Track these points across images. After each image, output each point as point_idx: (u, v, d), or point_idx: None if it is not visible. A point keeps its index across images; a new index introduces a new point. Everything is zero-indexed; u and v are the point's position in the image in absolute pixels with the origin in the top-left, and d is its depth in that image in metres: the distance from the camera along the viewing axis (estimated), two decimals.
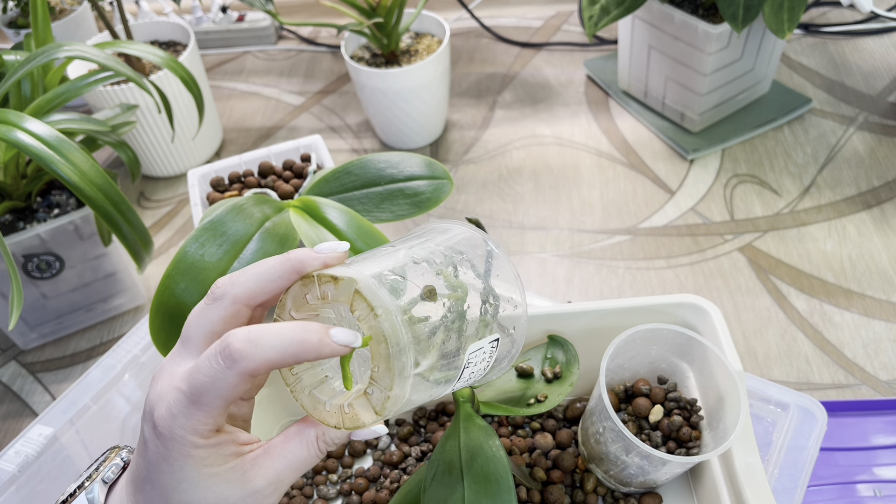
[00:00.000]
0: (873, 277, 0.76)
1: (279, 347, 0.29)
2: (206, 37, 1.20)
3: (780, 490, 0.49)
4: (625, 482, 0.49)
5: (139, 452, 0.32)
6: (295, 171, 0.71)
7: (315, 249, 0.32)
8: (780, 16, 0.78)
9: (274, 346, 0.29)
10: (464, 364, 0.34)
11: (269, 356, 0.29)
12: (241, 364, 0.29)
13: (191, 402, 0.29)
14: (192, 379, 0.30)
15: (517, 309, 0.37)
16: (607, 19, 0.84)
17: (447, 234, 0.37)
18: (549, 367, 0.51)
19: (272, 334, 0.29)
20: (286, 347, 0.29)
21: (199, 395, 0.29)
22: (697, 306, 0.50)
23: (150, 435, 0.30)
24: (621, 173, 0.91)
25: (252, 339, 0.29)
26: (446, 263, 0.35)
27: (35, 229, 0.69)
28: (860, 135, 0.92)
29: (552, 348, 0.53)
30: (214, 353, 0.29)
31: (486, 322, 0.36)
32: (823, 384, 0.68)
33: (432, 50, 0.92)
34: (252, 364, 0.29)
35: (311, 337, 0.29)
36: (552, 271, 0.81)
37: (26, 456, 0.55)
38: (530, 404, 0.49)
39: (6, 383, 0.76)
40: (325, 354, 0.29)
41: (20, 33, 1.04)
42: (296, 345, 0.29)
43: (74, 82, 0.68)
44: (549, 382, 0.50)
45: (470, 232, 0.38)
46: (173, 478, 0.30)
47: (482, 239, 0.37)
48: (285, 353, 0.29)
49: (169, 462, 0.30)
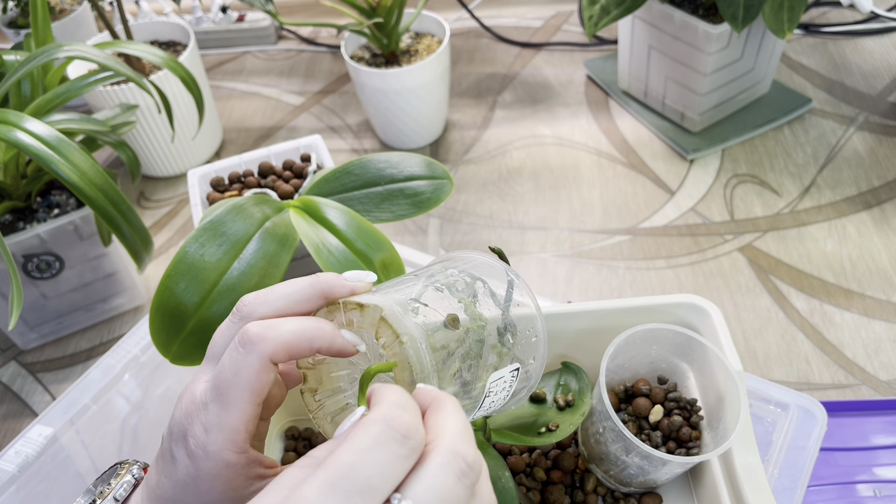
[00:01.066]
0: (873, 277, 0.76)
1: (296, 331, 0.30)
2: (206, 37, 1.20)
3: (780, 490, 0.49)
4: (625, 482, 0.49)
5: (165, 472, 0.31)
6: (295, 172, 0.71)
7: (343, 276, 0.33)
8: (780, 16, 0.78)
9: (291, 330, 0.30)
10: (485, 393, 0.34)
11: (287, 338, 0.29)
12: (259, 346, 0.29)
13: (219, 402, 0.30)
14: (216, 380, 0.30)
15: (535, 340, 0.38)
16: (607, 19, 0.84)
17: (470, 264, 0.38)
18: (562, 394, 0.51)
19: (288, 320, 0.30)
20: (303, 331, 0.30)
21: (225, 391, 0.29)
22: (697, 306, 0.50)
23: (181, 455, 0.30)
24: (621, 173, 0.91)
25: (268, 324, 0.30)
26: (468, 292, 0.35)
27: (35, 229, 0.69)
28: (860, 135, 0.92)
29: (566, 375, 0.52)
30: (234, 345, 0.30)
31: (506, 352, 0.36)
32: (823, 384, 0.68)
33: (432, 50, 0.92)
34: (270, 346, 0.29)
35: (325, 326, 0.30)
36: (552, 271, 0.81)
37: (26, 456, 0.55)
38: (541, 433, 0.48)
39: (6, 383, 0.76)
40: (337, 346, 0.30)
41: (20, 33, 1.04)
42: (311, 330, 0.30)
43: (74, 82, 0.68)
44: (561, 410, 0.50)
45: (491, 261, 0.38)
46: (199, 499, 0.30)
47: (503, 269, 0.38)
48: (302, 337, 0.30)
49: (197, 484, 0.30)
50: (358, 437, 0.24)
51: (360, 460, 0.23)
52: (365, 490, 0.23)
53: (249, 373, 0.29)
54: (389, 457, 0.24)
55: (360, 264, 0.47)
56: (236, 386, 0.29)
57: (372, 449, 0.24)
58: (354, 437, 0.24)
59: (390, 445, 0.24)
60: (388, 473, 0.24)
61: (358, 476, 0.23)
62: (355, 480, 0.23)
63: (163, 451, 0.32)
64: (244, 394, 0.29)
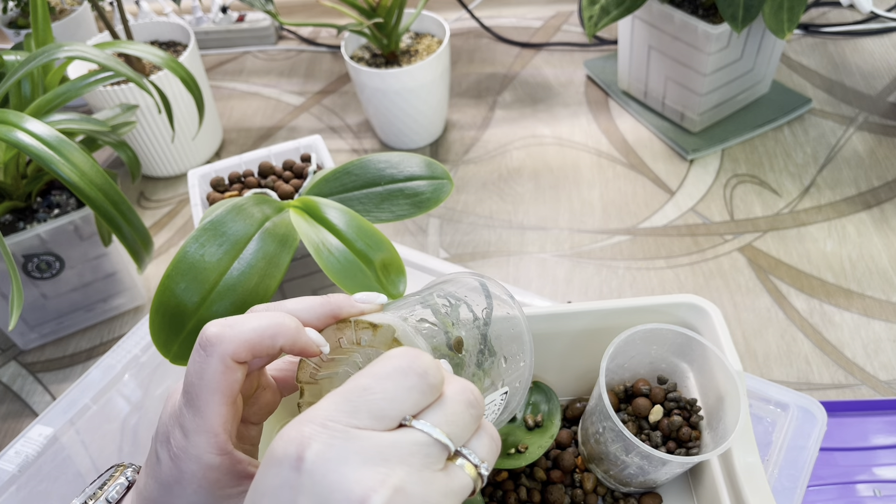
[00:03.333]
0: (873, 277, 0.76)
1: (257, 328, 0.30)
2: (207, 37, 1.20)
3: (780, 490, 0.49)
4: (624, 482, 0.49)
5: (150, 473, 0.31)
6: (295, 172, 0.71)
7: (354, 298, 0.33)
8: (780, 16, 0.78)
9: (252, 328, 0.30)
10: None
11: (247, 336, 0.29)
12: (218, 347, 0.29)
13: (191, 407, 0.30)
14: (185, 384, 0.30)
15: (523, 365, 0.38)
16: (607, 19, 0.84)
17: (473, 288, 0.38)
18: (532, 413, 0.52)
19: (250, 317, 0.30)
20: (264, 328, 0.30)
21: (194, 396, 0.29)
22: (697, 306, 0.50)
23: (164, 456, 0.30)
24: (621, 173, 0.91)
25: (228, 323, 0.30)
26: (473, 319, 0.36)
27: (35, 229, 0.69)
28: (860, 135, 0.92)
29: (536, 394, 0.53)
30: (195, 348, 0.30)
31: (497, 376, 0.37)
32: (823, 384, 0.68)
33: (432, 50, 0.92)
34: (231, 345, 0.29)
35: (288, 322, 0.30)
36: (552, 271, 0.81)
37: (26, 456, 0.55)
38: (510, 454, 0.50)
39: (6, 383, 0.76)
40: (301, 344, 0.30)
41: (20, 33, 1.04)
42: (274, 326, 0.30)
43: (74, 82, 0.68)
44: (530, 430, 0.51)
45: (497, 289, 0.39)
46: (185, 500, 0.30)
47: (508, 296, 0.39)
48: (263, 334, 0.30)
49: (182, 485, 0.30)
50: (378, 366, 0.26)
51: (374, 384, 0.25)
52: (372, 411, 0.25)
53: (213, 374, 0.29)
54: (404, 387, 0.25)
55: (360, 264, 0.47)
56: (203, 389, 0.29)
57: (389, 377, 0.25)
58: (375, 365, 0.26)
59: (407, 378, 0.25)
60: (398, 401, 0.25)
61: (369, 397, 0.25)
62: (366, 400, 0.25)
63: (150, 452, 0.32)
64: (212, 396, 0.29)
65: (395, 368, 0.26)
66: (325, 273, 0.46)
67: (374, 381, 0.25)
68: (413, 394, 0.25)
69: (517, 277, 0.80)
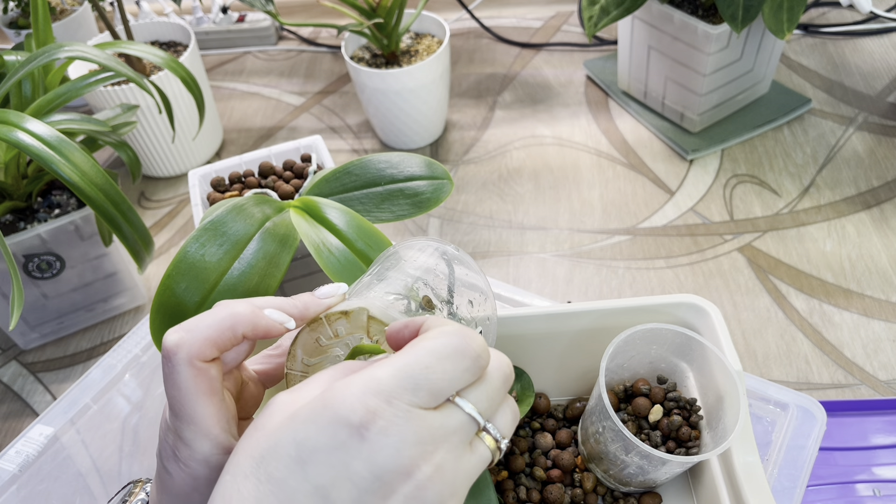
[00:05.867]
0: (873, 277, 0.76)
1: (212, 324, 0.30)
2: (207, 37, 1.20)
3: (780, 490, 0.49)
4: (624, 482, 0.49)
5: (163, 489, 0.32)
6: (295, 172, 0.71)
7: (317, 294, 0.34)
8: (780, 16, 0.78)
9: (208, 325, 0.30)
10: None
11: (205, 334, 0.30)
12: (180, 354, 0.29)
13: (179, 418, 0.30)
14: (167, 398, 0.30)
15: (487, 301, 0.39)
16: (607, 20, 0.84)
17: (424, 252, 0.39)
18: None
19: (205, 316, 0.31)
20: (220, 322, 0.30)
21: (178, 407, 0.30)
22: (697, 306, 0.50)
23: (174, 469, 0.31)
24: (621, 173, 0.91)
25: (186, 327, 0.30)
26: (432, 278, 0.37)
27: (36, 229, 0.69)
28: (860, 135, 0.92)
29: None
30: (162, 361, 0.30)
31: (470, 319, 0.38)
32: (823, 384, 0.68)
33: (432, 50, 0.92)
34: (194, 347, 0.30)
35: (241, 308, 0.31)
36: (552, 271, 0.81)
37: (27, 456, 0.55)
38: None
39: (7, 383, 0.76)
40: (262, 326, 0.31)
41: (21, 34, 1.04)
42: (229, 318, 0.30)
43: (75, 83, 0.68)
44: None
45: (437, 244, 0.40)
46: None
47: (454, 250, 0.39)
48: (221, 327, 0.30)
49: (199, 491, 0.30)
50: (437, 342, 0.27)
51: (435, 364, 0.26)
52: (432, 391, 0.26)
53: (186, 381, 0.30)
54: (461, 369, 0.26)
55: (361, 264, 0.47)
56: (183, 398, 0.30)
57: (449, 358, 0.26)
58: (435, 342, 0.27)
59: (464, 359, 0.27)
60: (455, 382, 0.26)
61: (430, 377, 0.26)
62: (427, 379, 0.26)
63: (158, 469, 0.32)
64: (196, 400, 0.30)
65: (454, 349, 0.26)
66: (326, 273, 0.46)
67: (436, 361, 0.26)
68: (467, 375, 0.27)
69: (517, 277, 0.80)
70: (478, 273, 0.39)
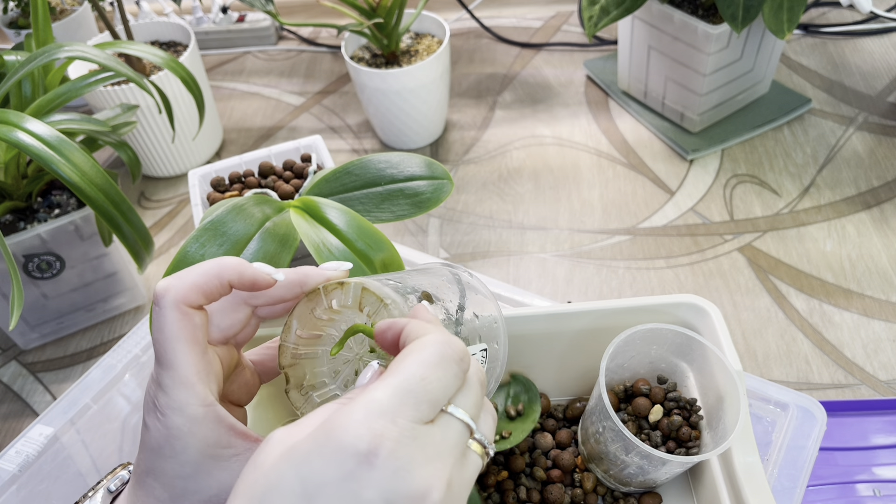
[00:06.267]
0: (873, 277, 0.76)
1: (201, 271, 0.31)
2: (207, 37, 1.20)
3: (780, 490, 0.49)
4: (624, 482, 0.49)
5: (141, 447, 0.32)
6: (295, 172, 0.71)
7: (322, 266, 0.35)
8: (780, 16, 0.78)
9: (196, 272, 0.31)
10: None
11: (194, 279, 0.31)
12: (168, 296, 0.30)
13: (161, 364, 0.31)
14: (153, 346, 0.31)
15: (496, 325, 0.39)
16: (607, 20, 0.84)
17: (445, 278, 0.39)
18: (513, 404, 0.54)
19: (195, 266, 0.32)
20: (208, 269, 0.31)
21: (161, 352, 0.31)
22: (697, 306, 0.50)
23: (151, 421, 0.31)
24: (621, 173, 0.91)
25: (175, 275, 0.31)
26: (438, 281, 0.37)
27: (35, 229, 0.69)
28: (860, 135, 0.92)
29: (515, 387, 0.55)
30: (152, 307, 0.32)
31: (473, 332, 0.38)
32: (823, 384, 0.68)
33: (432, 50, 0.92)
34: (181, 291, 0.30)
35: (229, 259, 0.32)
36: (552, 271, 0.81)
37: (27, 456, 0.55)
38: (496, 440, 0.51)
39: (7, 383, 0.76)
40: (248, 276, 0.32)
41: (21, 34, 1.04)
42: (216, 266, 0.31)
43: (75, 82, 0.68)
44: (512, 420, 0.53)
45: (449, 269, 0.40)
46: (176, 461, 0.30)
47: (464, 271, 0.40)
48: (209, 274, 0.31)
49: (171, 443, 0.30)
50: (428, 354, 0.27)
51: (430, 374, 0.26)
52: (431, 402, 0.26)
53: (171, 324, 0.30)
54: (451, 374, 0.27)
55: (361, 264, 0.47)
56: (167, 342, 0.30)
57: (440, 365, 0.26)
58: (424, 352, 0.27)
59: (452, 365, 0.27)
60: (448, 389, 0.27)
61: (427, 387, 0.26)
62: (426, 391, 0.26)
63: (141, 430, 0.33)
64: (177, 346, 0.30)
65: (441, 356, 0.27)
66: None
67: (429, 371, 0.26)
68: (456, 381, 0.27)
69: (517, 277, 0.80)
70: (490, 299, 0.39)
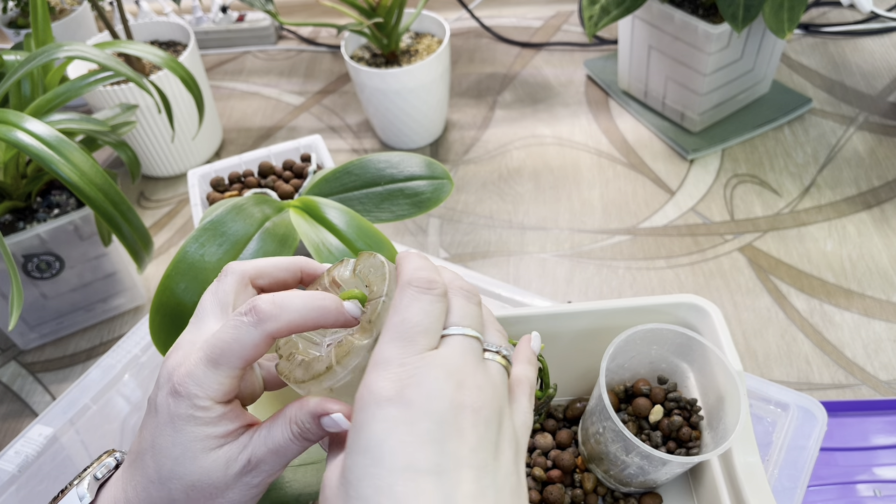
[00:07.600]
0: (873, 277, 0.76)
1: (302, 311, 0.31)
2: (206, 37, 1.20)
3: (780, 490, 0.49)
4: (625, 482, 0.49)
5: (143, 425, 0.32)
6: (295, 171, 0.71)
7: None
8: (780, 16, 0.78)
9: (297, 309, 0.31)
10: None
11: (293, 318, 0.31)
12: (266, 324, 0.31)
13: (210, 362, 0.31)
14: (214, 340, 0.31)
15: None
16: (607, 19, 0.84)
17: None
18: None
19: (296, 298, 0.32)
20: (308, 311, 0.32)
21: (220, 355, 0.31)
22: (697, 306, 0.50)
23: (163, 398, 0.31)
24: (621, 173, 0.91)
25: (277, 302, 0.31)
26: None
27: (35, 229, 0.69)
28: (860, 135, 0.92)
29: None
30: (240, 314, 0.31)
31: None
32: (823, 384, 0.68)
33: (432, 50, 0.92)
34: (277, 325, 0.31)
35: (329, 304, 0.32)
36: (552, 271, 0.81)
37: (26, 456, 0.55)
38: None
39: (6, 383, 0.76)
40: (341, 322, 0.33)
41: (20, 33, 1.04)
42: (317, 310, 0.32)
43: (74, 82, 0.68)
44: None
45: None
46: (172, 441, 0.31)
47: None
48: (307, 317, 0.32)
49: (174, 424, 0.31)
50: (397, 302, 0.30)
51: (406, 315, 0.30)
52: (421, 332, 0.29)
53: (248, 343, 0.31)
54: (425, 303, 0.30)
55: None
56: (230, 352, 0.31)
57: (410, 304, 0.30)
58: (395, 304, 0.30)
59: (421, 297, 0.30)
60: (430, 315, 0.30)
61: (410, 324, 0.29)
62: (411, 327, 0.29)
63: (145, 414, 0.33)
64: (236, 360, 0.31)
65: (410, 296, 0.30)
66: None
67: (405, 312, 0.30)
68: (434, 306, 0.30)
69: (517, 277, 0.80)
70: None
